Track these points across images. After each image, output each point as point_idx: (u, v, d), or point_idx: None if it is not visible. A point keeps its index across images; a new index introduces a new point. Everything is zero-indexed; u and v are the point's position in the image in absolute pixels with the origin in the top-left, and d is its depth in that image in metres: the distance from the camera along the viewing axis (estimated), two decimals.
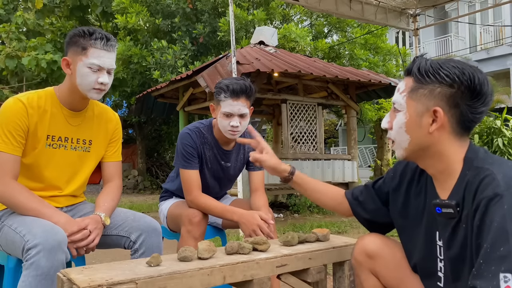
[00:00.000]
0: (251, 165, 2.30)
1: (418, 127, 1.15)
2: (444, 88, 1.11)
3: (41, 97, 1.70)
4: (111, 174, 1.92)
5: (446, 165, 1.16)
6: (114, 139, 1.94)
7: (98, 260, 3.56)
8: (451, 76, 1.10)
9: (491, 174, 1.04)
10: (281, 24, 10.86)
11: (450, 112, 1.11)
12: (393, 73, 10.70)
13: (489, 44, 16.44)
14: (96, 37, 1.65)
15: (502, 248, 0.92)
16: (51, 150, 1.73)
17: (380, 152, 8.60)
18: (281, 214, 6.78)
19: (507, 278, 0.89)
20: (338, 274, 1.62)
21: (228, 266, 1.29)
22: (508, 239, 0.92)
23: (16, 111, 1.63)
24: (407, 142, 1.18)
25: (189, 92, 7.56)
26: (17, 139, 1.62)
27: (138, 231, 1.74)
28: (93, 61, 1.64)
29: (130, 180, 13.51)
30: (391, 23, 6.92)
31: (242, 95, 2.04)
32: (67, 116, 1.76)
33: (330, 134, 19.44)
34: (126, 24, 10.15)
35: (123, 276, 1.14)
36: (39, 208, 1.60)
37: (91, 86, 1.67)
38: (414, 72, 1.16)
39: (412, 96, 1.16)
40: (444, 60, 1.14)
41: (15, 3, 12.66)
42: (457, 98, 1.10)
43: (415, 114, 1.15)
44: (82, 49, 1.64)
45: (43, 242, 1.43)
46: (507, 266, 0.90)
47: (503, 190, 0.99)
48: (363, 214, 1.48)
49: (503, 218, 0.95)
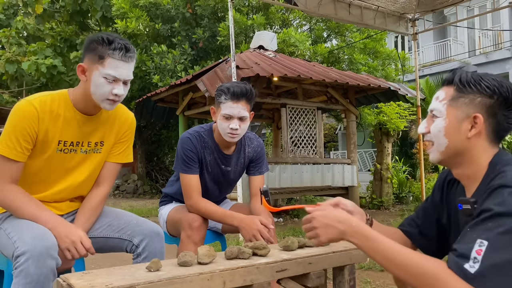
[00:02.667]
0: (251, 169, 2.31)
1: (457, 132, 1.22)
2: (484, 98, 1.19)
3: (54, 100, 1.65)
4: (103, 177, 1.82)
5: (476, 171, 1.22)
6: (123, 139, 1.86)
7: (97, 265, 3.55)
8: (491, 87, 1.18)
9: (504, 172, 1.11)
10: (281, 28, 10.88)
11: (488, 120, 1.19)
12: (392, 77, 10.71)
13: (488, 48, 16.47)
14: (115, 47, 1.58)
15: (490, 224, 0.99)
16: (62, 155, 1.69)
17: (379, 156, 8.60)
18: (281, 219, 6.77)
19: (483, 243, 0.96)
20: (338, 279, 1.61)
21: (228, 271, 1.29)
22: (498, 219, 0.99)
23: (27, 115, 1.58)
24: (445, 145, 1.24)
25: (188, 97, 7.57)
26: (22, 145, 1.58)
27: (141, 235, 1.74)
28: (110, 72, 1.59)
29: (129, 184, 13.50)
30: (390, 28, 6.93)
31: (242, 98, 2.05)
32: (80, 121, 1.70)
33: (329, 138, 19.43)
34: (126, 29, 10.18)
35: (123, 281, 1.14)
36: (35, 212, 1.58)
37: (105, 96, 1.62)
38: (456, 82, 1.23)
39: (452, 104, 1.23)
40: (483, 73, 1.23)
41: (15, 8, 12.70)
42: (495, 108, 1.18)
43: (455, 120, 1.22)
44: (100, 58, 1.59)
45: (31, 249, 1.41)
46: (487, 235, 0.97)
47: (508, 182, 1.05)
48: (428, 245, 1.42)
49: (501, 203, 1.01)
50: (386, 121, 8.40)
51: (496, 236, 0.97)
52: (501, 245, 0.95)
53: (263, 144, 2.39)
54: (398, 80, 10.62)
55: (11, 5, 12.70)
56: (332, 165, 7.27)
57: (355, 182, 7.42)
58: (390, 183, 8.38)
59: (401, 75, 11.12)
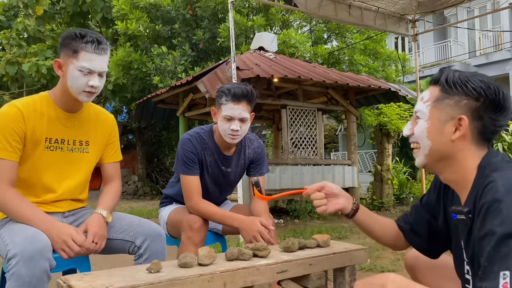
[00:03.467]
0: (252, 170, 2.31)
1: (440, 134, 1.18)
2: (470, 100, 1.14)
3: (36, 101, 1.71)
4: (110, 175, 1.94)
5: (463, 174, 1.19)
6: (112, 140, 1.95)
7: (98, 267, 3.55)
8: (477, 89, 1.13)
9: (493, 181, 1.06)
10: (281, 30, 10.89)
11: (473, 123, 1.15)
12: (393, 78, 10.71)
13: (488, 49, 16.48)
14: (87, 40, 1.65)
15: (503, 249, 0.96)
16: (49, 153, 1.73)
17: (380, 157, 8.60)
18: (281, 220, 6.76)
19: (506, 275, 0.94)
20: (338, 280, 1.61)
21: (229, 273, 1.29)
22: (508, 242, 0.96)
23: (12, 116, 1.63)
24: (428, 148, 1.21)
25: (189, 98, 7.57)
26: (12, 144, 1.61)
27: (143, 236, 1.75)
28: (84, 65, 1.65)
29: (130, 185, 13.50)
30: (390, 29, 6.93)
31: (243, 99, 2.05)
32: (62, 118, 1.76)
33: (330, 139, 19.43)
34: (126, 30, 10.19)
35: (124, 283, 1.14)
36: (28, 215, 1.59)
37: (82, 89, 1.67)
38: (442, 82, 1.19)
39: (436, 105, 1.19)
40: (471, 74, 1.17)
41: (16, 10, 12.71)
42: (481, 111, 1.14)
43: (438, 121, 1.18)
44: (73, 52, 1.65)
45: (22, 251, 1.42)
46: (507, 264, 0.95)
47: (502, 196, 1.01)
48: (419, 242, 1.44)
49: (503, 222, 0.98)
50: (387, 122, 8.40)
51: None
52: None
53: (263, 145, 2.39)
54: (398, 81, 10.63)
55: (11, 7, 12.71)
56: (332, 166, 7.27)
57: (355, 183, 7.42)
58: (390, 184, 8.37)
59: (402, 76, 11.12)
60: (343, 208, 1.46)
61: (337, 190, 1.47)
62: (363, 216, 1.49)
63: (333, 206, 1.45)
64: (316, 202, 1.44)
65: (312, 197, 1.45)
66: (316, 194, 1.44)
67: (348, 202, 1.47)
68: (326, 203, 1.44)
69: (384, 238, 1.51)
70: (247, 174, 2.35)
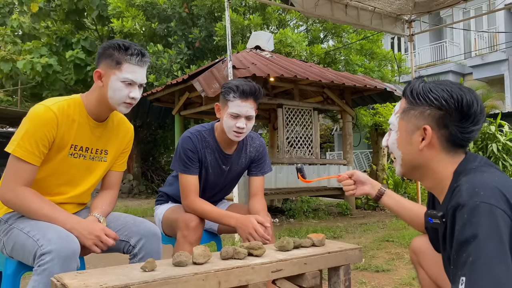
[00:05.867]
0: (253, 169, 2.29)
1: (409, 144, 1.23)
2: (433, 110, 1.17)
3: (70, 106, 1.69)
4: (111, 183, 1.92)
5: (438, 181, 1.23)
6: (126, 150, 1.95)
7: (92, 265, 3.53)
8: (439, 99, 1.16)
9: (459, 185, 1.10)
10: (277, 29, 10.89)
11: (439, 132, 1.18)
12: (389, 79, 10.74)
13: (483, 50, 16.57)
14: (132, 53, 1.66)
15: (464, 254, 0.99)
16: (72, 159, 1.72)
17: (375, 157, 8.62)
18: (277, 219, 6.77)
19: (463, 280, 0.97)
20: (333, 279, 1.61)
21: (223, 271, 1.29)
22: (467, 247, 0.98)
23: (47, 121, 1.61)
24: (400, 158, 1.27)
25: (184, 96, 7.56)
26: (40, 150, 1.61)
27: (138, 235, 1.74)
28: (127, 76, 1.65)
29: (125, 184, 13.44)
30: (386, 29, 6.95)
31: (250, 97, 2.04)
32: (92, 127, 1.75)
33: (325, 139, 19.47)
34: (122, 28, 10.15)
35: (118, 281, 1.14)
36: (50, 214, 1.59)
37: (123, 100, 1.68)
38: (407, 94, 1.24)
39: (404, 117, 1.24)
40: (435, 83, 1.20)
41: (11, 7, 12.63)
42: (446, 120, 1.16)
43: (406, 132, 1.23)
44: (117, 63, 1.65)
45: (58, 249, 1.43)
46: (464, 270, 0.97)
47: (465, 200, 1.04)
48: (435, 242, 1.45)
49: (463, 227, 1.01)
50: (382, 122, 8.42)
51: (469, 269, 0.96)
52: (476, 277, 0.94)
53: (265, 143, 2.37)
54: (394, 81, 10.66)
55: (6, 4, 12.63)
56: (328, 166, 7.29)
57: None
58: (385, 184, 8.40)
59: (397, 76, 11.15)
60: (368, 193, 1.67)
61: (364, 178, 1.68)
62: (390, 201, 1.63)
63: (359, 191, 1.69)
64: (346, 187, 1.69)
65: (343, 183, 1.70)
66: (346, 181, 1.68)
67: (373, 189, 1.67)
68: (354, 188, 1.68)
69: (413, 224, 1.60)
70: (248, 173, 2.32)
